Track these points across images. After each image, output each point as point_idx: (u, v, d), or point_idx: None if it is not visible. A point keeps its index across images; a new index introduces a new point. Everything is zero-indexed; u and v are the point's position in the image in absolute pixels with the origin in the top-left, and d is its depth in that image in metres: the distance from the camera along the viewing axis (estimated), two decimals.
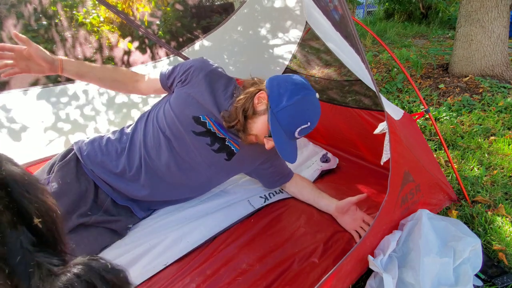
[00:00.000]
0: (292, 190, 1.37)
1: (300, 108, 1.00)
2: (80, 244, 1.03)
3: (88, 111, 1.79)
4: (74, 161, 1.14)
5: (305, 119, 1.00)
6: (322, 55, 2.04)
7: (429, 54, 4.13)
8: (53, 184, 1.06)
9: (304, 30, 1.90)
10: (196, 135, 1.14)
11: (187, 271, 1.02)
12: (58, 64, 1.07)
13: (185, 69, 1.14)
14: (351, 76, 1.78)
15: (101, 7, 1.80)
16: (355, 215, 1.16)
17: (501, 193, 1.45)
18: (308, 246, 1.09)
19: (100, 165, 1.14)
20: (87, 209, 1.09)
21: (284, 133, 1.01)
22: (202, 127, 1.14)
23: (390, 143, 0.98)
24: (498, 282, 0.99)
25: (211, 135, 1.15)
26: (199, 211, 1.27)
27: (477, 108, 2.46)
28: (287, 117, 1.00)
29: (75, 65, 1.12)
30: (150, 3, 1.90)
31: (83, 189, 1.10)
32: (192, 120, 1.13)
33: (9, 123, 1.54)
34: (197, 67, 1.13)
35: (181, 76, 1.14)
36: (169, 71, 1.18)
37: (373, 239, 0.99)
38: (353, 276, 0.94)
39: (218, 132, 1.16)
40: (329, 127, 1.88)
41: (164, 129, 1.15)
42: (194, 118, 1.13)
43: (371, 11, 9.03)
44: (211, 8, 2.14)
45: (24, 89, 1.58)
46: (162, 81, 1.19)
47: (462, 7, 3.00)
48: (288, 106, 0.99)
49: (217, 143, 1.17)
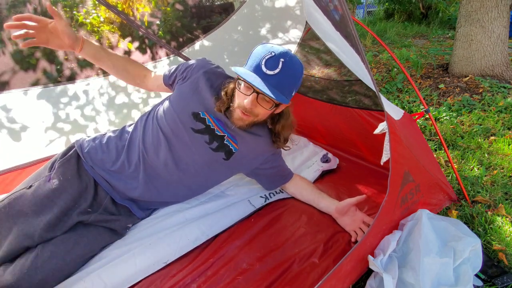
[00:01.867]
0: (292, 191, 1.37)
1: (260, 46, 1.01)
2: (79, 243, 1.03)
3: (89, 112, 1.79)
4: (75, 158, 1.15)
5: (266, 50, 0.98)
6: (322, 55, 2.04)
7: (429, 54, 4.13)
8: (54, 180, 1.07)
9: (304, 30, 1.90)
10: (195, 132, 1.15)
11: (187, 271, 1.02)
12: (80, 44, 1.11)
13: (186, 67, 1.20)
14: (351, 76, 1.78)
15: (101, 7, 1.80)
16: (354, 216, 1.16)
17: (501, 193, 1.45)
18: (308, 246, 1.10)
19: (100, 162, 1.15)
20: (87, 206, 1.09)
21: (253, 72, 0.97)
22: (201, 124, 1.15)
23: (390, 143, 0.98)
24: (498, 282, 0.99)
25: (210, 132, 1.16)
26: (200, 211, 1.28)
27: (477, 108, 2.46)
28: (250, 58, 1.00)
29: (94, 48, 1.16)
30: (150, 3, 1.90)
31: (84, 186, 1.11)
32: (192, 117, 1.14)
33: (9, 123, 1.54)
34: (197, 65, 1.19)
35: (182, 74, 1.19)
36: (171, 70, 1.24)
37: (373, 239, 0.99)
38: (353, 277, 0.95)
39: (217, 128, 1.16)
40: (329, 127, 1.88)
41: (163, 127, 1.15)
42: (193, 114, 1.14)
43: (371, 11, 9.04)
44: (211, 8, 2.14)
45: (25, 89, 1.58)
46: (164, 79, 1.26)
47: (462, 7, 3.00)
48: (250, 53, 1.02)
49: (216, 141, 1.17)
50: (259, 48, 1.00)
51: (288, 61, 0.96)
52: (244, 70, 0.99)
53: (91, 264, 1.05)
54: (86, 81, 1.77)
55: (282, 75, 0.96)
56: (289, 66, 0.97)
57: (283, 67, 0.96)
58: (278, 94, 0.96)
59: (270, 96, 0.93)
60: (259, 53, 0.98)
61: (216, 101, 1.13)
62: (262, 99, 1.01)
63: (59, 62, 1.69)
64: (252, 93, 0.99)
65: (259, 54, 0.98)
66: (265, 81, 0.95)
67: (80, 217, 1.06)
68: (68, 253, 0.99)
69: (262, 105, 1.02)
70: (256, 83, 0.94)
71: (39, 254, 0.96)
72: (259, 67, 0.96)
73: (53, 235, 1.01)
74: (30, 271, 0.93)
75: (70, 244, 1.01)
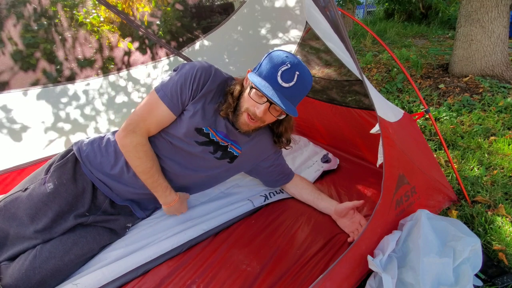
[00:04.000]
0: (292, 191, 1.37)
1: (275, 55, 1.00)
2: (78, 243, 1.03)
3: (88, 111, 1.79)
4: (72, 162, 1.13)
5: (281, 61, 0.97)
6: (322, 55, 2.04)
7: (429, 54, 4.13)
8: (49, 184, 1.06)
9: (304, 30, 1.90)
10: (199, 144, 1.14)
11: (187, 271, 1.02)
12: None
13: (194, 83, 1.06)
14: (351, 76, 1.78)
15: (101, 7, 1.80)
16: (353, 218, 1.17)
17: (501, 193, 1.44)
18: (308, 247, 1.10)
19: (99, 166, 1.14)
20: (84, 210, 1.09)
21: (268, 83, 0.97)
22: (205, 138, 1.13)
23: (384, 147, 0.98)
24: (498, 282, 1.00)
25: (214, 144, 1.15)
26: (200, 211, 1.28)
27: (477, 108, 2.46)
28: (264, 66, 0.99)
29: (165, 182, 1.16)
30: (150, 3, 1.90)
31: (80, 190, 1.10)
32: (195, 131, 1.11)
33: (9, 123, 1.54)
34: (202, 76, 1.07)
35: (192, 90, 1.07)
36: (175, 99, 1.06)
37: (368, 241, 0.99)
38: (351, 280, 0.93)
39: (221, 141, 1.16)
40: (330, 127, 1.88)
41: (165, 136, 1.13)
42: (197, 129, 1.11)
43: (371, 11, 9.04)
44: (211, 8, 2.14)
45: (24, 89, 1.58)
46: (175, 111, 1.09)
47: (462, 7, 3.00)
48: (264, 60, 1.02)
49: (220, 150, 1.17)
50: (275, 56, 0.99)
51: (302, 74, 0.98)
52: (260, 80, 0.97)
53: (91, 265, 1.05)
54: (86, 81, 1.77)
55: (296, 88, 0.98)
56: (304, 79, 0.98)
57: (298, 80, 0.97)
58: (290, 106, 0.98)
59: (284, 109, 0.94)
60: (274, 62, 0.98)
61: (220, 107, 1.11)
62: (273, 108, 1.02)
63: (58, 62, 1.69)
64: (265, 103, 1.00)
65: (274, 63, 0.98)
66: (280, 92, 0.96)
67: (77, 219, 1.05)
68: (67, 254, 0.99)
69: (271, 113, 1.04)
70: (274, 98, 0.94)
71: (38, 255, 0.96)
72: (275, 78, 0.97)
73: (50, 236, 1.01)
74: (29, 271, 0.93)
75: (68, 245, 1.01)
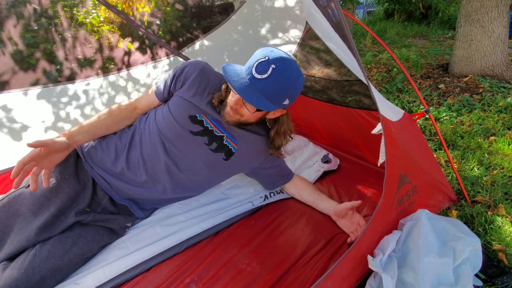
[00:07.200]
0: (291, 192, 1.37)
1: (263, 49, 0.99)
2: (77, 243, 1.03)
3: (89, 111, 1.79)
4: (73, 157, 1.15)
5: (264, 54, 0.95)
6: (322, 55, 2.04)
7: (429, 54, 4.14)
8: (52, 179, 1.07)
9: (304, 30, 1.90)
10: (194, 134, 1.15)
11: (186, 271, 1.02)
12: (72, 142, 1.07)
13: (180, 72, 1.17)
14: (351, 76, 1.78)
15: (101, 7, 1.80)
16: (352, 218, 1.16)
17: (501, 193, 1.45)
18: (308, 246, 1.09)
19: (100, 162, 1.16)
20: (85, 206, 1.09)
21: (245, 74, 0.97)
22: (200, 126, 1.15)
23: (386, 146, 0.98)
24: (498, 282, 1.00)
25: (209, 133, 1.16)
26: (200, 211, 1.28)
27: (477, 108, 2.46)
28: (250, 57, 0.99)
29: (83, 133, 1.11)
30: (150, 3, 1.90)
31: (81, 186, 1.11)
32: (189, 120, 1.14)
33: (9, 123, 1.55)
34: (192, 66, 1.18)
35: (178, 80, 1.17)
36: (162, 86, 1.21)
37: (369, 241, 0.99)
38: (351, 279, 0.94)
39: (216, 129, 1.16)
40: (330, 127, 1.87)
41: (162, 129, 1.16)
42: (190, 117, 1.14)
43: (371, 11, 9.04)
44: (211, 8, 2.14)
45: (24, 89, 1.58)
46: (158, 96, 1.23)
47: (462, 7, 3.00)
48: None
49: (215, 142, 1.18)
50: (260, 50, 0.99)
51: (280, 68, 0.93)
52: (232, 69, 0.98)
53: (91, 265, 1.05)
54: (85, 81, 1.77)
55: (270, 81, 0.94)
56: (280, 73, 0.94)
57: (272, 73, 0.93)
58: (263, 99, 0.95)
59: (243, 98, 0.94)
60: (256, 54, 0.98)
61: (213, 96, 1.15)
62: None
63: (58, 62, 1.69)
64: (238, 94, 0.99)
65: (256, 55, 0.98)
66: (252, 84, 0.94)
67: (78, 217, 1.05)
68: (66, 253, 0.99)
69: (247, 107, 1.03)
70: (235, 85, 0.93)
71: (37, 254, 0.96)
72: (250, 69, 0.95)
73: (49, 234, 1.01)
74: (28, 271, 0.93)
75: (68, 244, 1.01)
